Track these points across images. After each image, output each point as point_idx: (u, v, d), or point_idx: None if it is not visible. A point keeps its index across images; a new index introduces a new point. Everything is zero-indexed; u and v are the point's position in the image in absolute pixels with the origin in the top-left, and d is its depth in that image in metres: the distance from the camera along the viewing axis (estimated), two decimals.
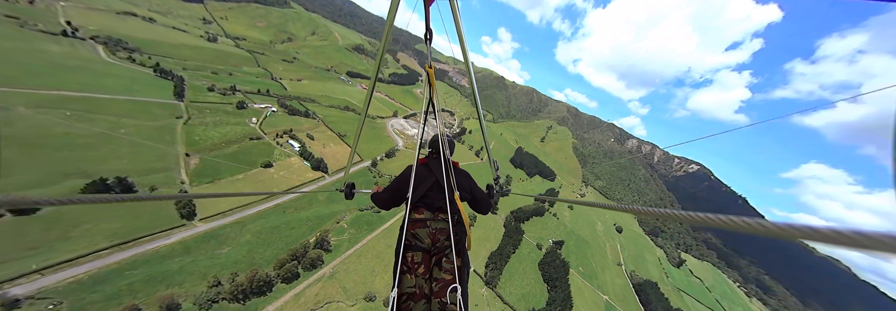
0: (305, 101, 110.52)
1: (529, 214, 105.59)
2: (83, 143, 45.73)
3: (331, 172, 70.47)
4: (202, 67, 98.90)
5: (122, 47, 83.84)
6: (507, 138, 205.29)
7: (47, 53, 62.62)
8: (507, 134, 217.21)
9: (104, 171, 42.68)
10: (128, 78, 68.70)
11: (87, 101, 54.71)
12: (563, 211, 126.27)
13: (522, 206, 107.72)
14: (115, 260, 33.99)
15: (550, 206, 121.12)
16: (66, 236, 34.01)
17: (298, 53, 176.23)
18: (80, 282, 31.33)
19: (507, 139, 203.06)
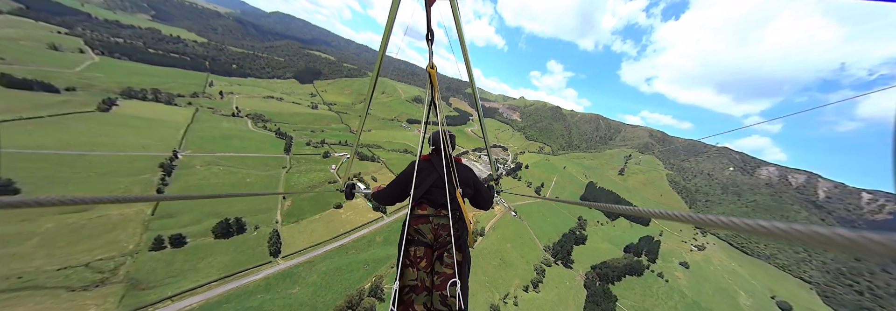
0: (373, 147, 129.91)
1: (620, 271, 79.59)
2: (224, 190, 62.48)
3: (389, 212, 75.75)
4: (305, 127, 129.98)
5: (261, 119, 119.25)
6: (573, 172, 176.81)
7: (221, 128, 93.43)
8: (572, 167, 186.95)
9: (231, 212, 56.25)
10: (259, 140, 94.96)
11: (235, 158, 76.74)
12: (673, 269, 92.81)
13: (607, 259, 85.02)
14: (218, 293, 41.14)
15: (650, 260, 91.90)
16: (195, 267, 43.96)
17: (370, 110, 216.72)
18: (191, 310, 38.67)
19: (573, 173, 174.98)
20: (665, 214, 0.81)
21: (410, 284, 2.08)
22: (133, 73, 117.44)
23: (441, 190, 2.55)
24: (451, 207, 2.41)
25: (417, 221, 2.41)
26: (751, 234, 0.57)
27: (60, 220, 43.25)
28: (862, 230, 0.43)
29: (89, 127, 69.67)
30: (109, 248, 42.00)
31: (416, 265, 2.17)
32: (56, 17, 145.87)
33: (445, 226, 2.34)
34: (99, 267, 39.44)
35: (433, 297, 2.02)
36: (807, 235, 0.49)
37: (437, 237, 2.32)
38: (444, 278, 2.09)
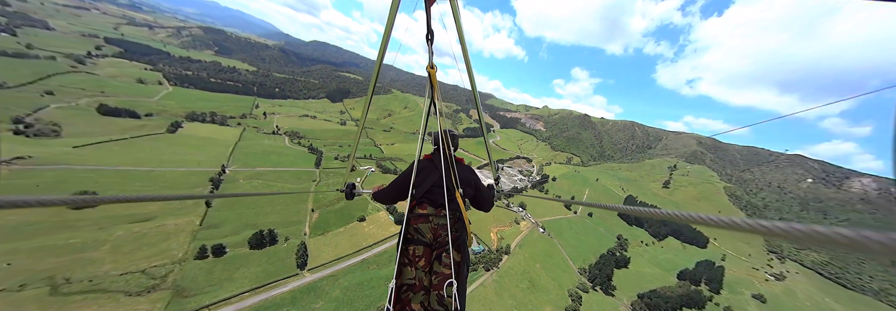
0: (395, 160, 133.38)
1: (675, 302, 68.45)
2: (261, 203, 66.89)
3: None
4: (334, 142, 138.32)
5: (296, 136, 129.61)
6: (607, 185, 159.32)
7: (262, 145, 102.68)
8: (606, 179, 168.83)
9: (265, 223, 59.59)
10: (294, 155, 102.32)
11: (272, 173, 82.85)
12: (745, 303, 78.78)
13: (657, 287, 73.87)
14: (248, 304, 42.50)
15: (712, 291, 78.78)
16: (231, 277, 46.30)
17: (394, 124, 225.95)
18: None
19: (608, 186, 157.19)
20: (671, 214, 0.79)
21: (408, 283, 2.06)
22: (197, 99, 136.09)
23: (442, 190, 2.50)
24: (449, 207, 2.37)
25: (417, 220, 2.38)
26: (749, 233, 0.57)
27: (128, 229, 48.75)
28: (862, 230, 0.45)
29: (159, 146, 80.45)
30: (163, 256, 46.00)
31: (415, 264, 2.15)
32: (144, 57, 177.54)
33: (445, 226, 2.31)
34: (153, 274, 43.07)
35: (430, 296, 2.02)
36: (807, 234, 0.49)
37: (437, 237, 2.30)
38: (441, 277, 2.08)
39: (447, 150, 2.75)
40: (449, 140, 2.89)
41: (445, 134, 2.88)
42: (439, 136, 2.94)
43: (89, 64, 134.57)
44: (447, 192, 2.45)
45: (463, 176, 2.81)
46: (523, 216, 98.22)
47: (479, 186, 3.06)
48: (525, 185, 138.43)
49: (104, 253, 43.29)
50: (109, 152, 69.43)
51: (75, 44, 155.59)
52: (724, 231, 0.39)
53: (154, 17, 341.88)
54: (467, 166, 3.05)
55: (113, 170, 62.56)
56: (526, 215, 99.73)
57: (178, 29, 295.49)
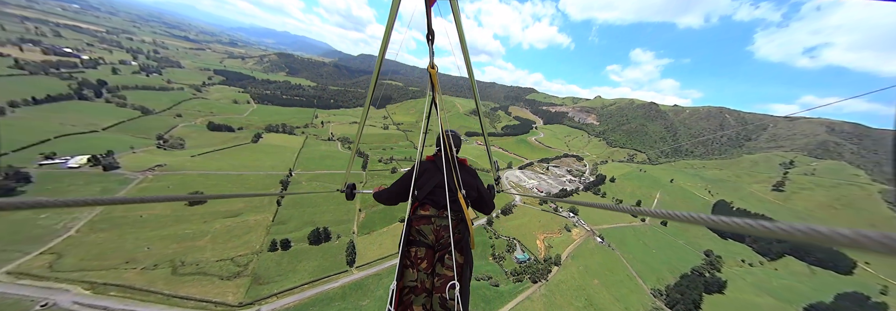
0: None
1: None
2: (319, 203, 73.91)
3: None
4: (378, 146, 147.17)
5: (347, 141, 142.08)
6: (686, 186, 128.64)
7: (319, 150, 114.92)
8: (684, 179, 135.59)
9: (322, 221, 65.35)
10: (345, 159, 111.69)
11: (327, 175, 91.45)
12: None
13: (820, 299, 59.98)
14: (307, 296, 46.54)
15: None
16: (294, 269, 51.62)
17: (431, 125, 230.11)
18: (287, 309, 44.51)
19: (688, 188, 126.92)
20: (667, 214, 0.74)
21: (410, 285, 2.02)
22: (273, 113, 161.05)
23: (444, 191, 2.48)
24: (451, 208, 2.35)
25: (420, 221, 2.37)
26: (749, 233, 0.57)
27: (223, 223, 58.79)
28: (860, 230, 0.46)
29: (245, 154, 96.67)
30: (245, 247, 53.91)
31: (417, 266, 2.12)
32: (238, 82, 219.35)
33: (447, 227, 2.29)
34: (239, 261, 50.68)
35: (433, 299, 1.98)
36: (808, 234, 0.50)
37: (439, 238, 2.28)
38: (444, 280, 2.05)
39: (450, 151, 2.67)
40: (451, 141, 2.80)
41: (447, 135, 2.78)
42: (440, 137, 2.86)
43: (204, 91, 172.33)
44: (449, 193, 2.39)
45: (465, 178, 2.72)
46: (575, 223, 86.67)
47: (481, 188, 2.99)
48: (576, 187, 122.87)
49: (206, 242, 52.77)
50: (213, 160, 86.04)
51: (196, 76, 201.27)
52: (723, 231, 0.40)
53: (245, 50, 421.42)
54: (470, 168, 2.97)
55: (215, 174, 77.09)
56: (578, 222, 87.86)
57: (260, 57, 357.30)
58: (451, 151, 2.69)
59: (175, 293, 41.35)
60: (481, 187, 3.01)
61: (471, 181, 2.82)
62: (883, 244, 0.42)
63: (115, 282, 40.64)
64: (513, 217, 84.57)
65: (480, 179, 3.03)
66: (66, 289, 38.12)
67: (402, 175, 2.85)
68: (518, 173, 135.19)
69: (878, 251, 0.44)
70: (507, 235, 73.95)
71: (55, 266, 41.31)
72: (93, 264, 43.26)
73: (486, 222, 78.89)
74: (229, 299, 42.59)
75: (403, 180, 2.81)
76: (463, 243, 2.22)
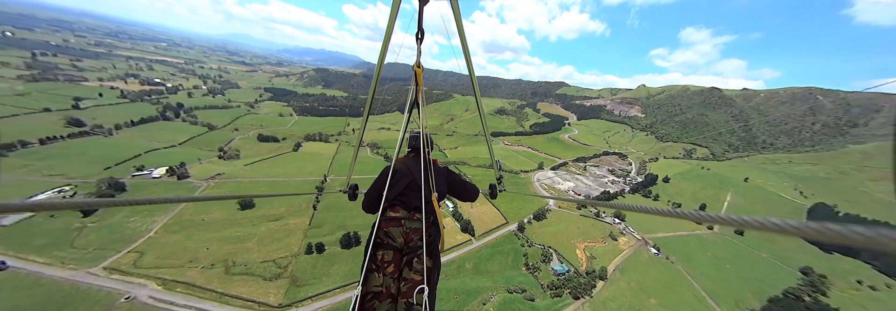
0: (459, 164, 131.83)
1: None
2: (350, 207, 76.05)
3: (477, 235, 70.00)
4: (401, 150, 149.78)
5: (375, 147, 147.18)
6: (770, 187, 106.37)
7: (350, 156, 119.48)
8: (765, 178, 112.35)
9: (352, 225, 66.74)
10: (373, 164, 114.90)
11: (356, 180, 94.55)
12: None
13: None
14: (338, 301, 46.95)
15: None
16: (327, 272, 52.87)
17: (456, 127, 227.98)
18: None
19: (770, 189, 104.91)
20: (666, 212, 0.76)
21: (374, 290, 1.91)
22: (311, 124, 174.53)
23: (416, 193, 2.47)
24: (425, 210, 2.30)
25: (388, 223, 2.28)
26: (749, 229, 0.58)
27: (267, 226, 63.29)
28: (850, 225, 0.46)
29: (287, 161, 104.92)
30: (285, 249, 56.96)
31: (383, 271, 2.01)
32: (283, 98, 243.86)
33: (417, 230, 2.25)
34: (280, 263, 53.56)
35: (397, 305, 1.89)
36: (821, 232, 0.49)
37: (408, 242, 2.21)
38: (411, 284, 1.95)
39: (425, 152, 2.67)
40: (429, 141, 2.84)
41: (416, 137, 2.83)
42: (418, 138, 2.89)
43: (256, 107, 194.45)
44: (424, 195, 2.35)
45: (436, 179, 2.68)
46: (623, 230, 75.69)
47: (453, 183, 2.94)
48: (620, 189, 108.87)
49: (253, 244, 56.96)
50: (262, 168, 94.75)
51: (250, 95, 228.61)
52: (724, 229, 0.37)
53: (289, 68, 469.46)
54: (441, 168, 2.93)
55: (263, 180, 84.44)
56: (626, 229, 76.61)
57: (301, 74, 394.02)
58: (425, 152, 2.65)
59: (226, 292, 44.68)
60: (453, 181, 2.93)
61: (441, 182, 2.75)
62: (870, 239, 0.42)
63: (180, 280, 45.40)
64: (547, 223, 77.22)
65: (454, 173, 2.98)
66: (144, 284, 43.54)
67: (375, 181, 2.75)
68: (550, 173, 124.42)
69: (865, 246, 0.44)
70: (541, 243, 67.38)
71: (138, 263, 47.73)
72: (166, 262, 49.16)
73: (516, 228, 72.89)
74: (271, 299, 44.68)
75: (376, 183, 2.73)
76: (433, 246, 2.14)
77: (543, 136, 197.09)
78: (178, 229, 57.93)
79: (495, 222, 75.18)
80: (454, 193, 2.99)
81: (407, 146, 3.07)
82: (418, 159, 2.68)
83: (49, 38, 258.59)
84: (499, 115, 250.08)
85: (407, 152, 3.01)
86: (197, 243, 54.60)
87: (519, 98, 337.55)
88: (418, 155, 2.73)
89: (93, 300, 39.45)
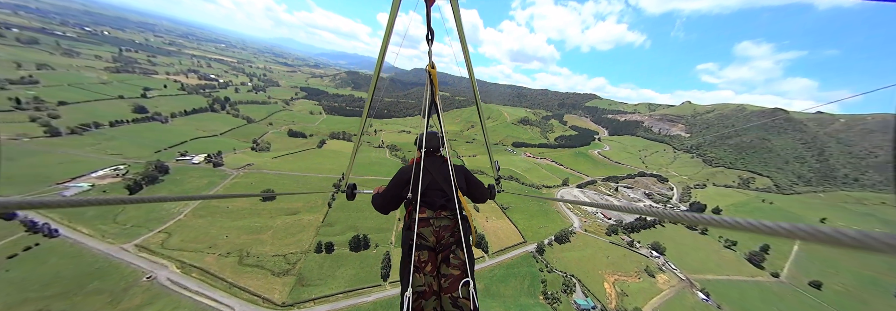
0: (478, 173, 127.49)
1: None
2: (363, 208, 75.94)
3: (491, 252, 65.76)
4: None
5: (394, 149, 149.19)
6: None
7: (370, 157, 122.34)
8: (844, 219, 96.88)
9: (364, 227, 66.20)
10: (391, 165, 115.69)
11: (375, 181, 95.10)
12: None
13: None
14: (342, 306, 45.64)
15: None
16: (333, 274, 52.06)
17: (476, 135, 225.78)
18: None
19: None
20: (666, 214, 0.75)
21: (418, 290, 2.04)
22: (337, 123, 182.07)
23: (436, 192, 2.55)
24: (449, 207, 2.43)
25: (419, 225, 2.35)
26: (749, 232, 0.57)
27: (283, 219, 64.67)
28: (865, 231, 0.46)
29: (310, 157, 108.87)
30: (297, 245, 57.37)
31: (422, 270, 2.13)
32: (316, 97, 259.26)
33: (447, 227, 2.35)
34: (289, 259, 53.83)
35: (443, 300, 2.00)
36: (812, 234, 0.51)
37: (440, 239, 2.30)
38: (452, 279, 2.07)
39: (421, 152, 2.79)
40: (443, 142, 2.95)
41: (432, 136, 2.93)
42: (434, 137, 3.00)
43: (291, 104, 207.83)
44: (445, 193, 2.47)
45: (448, 175, 2.74)
46: (662, 266, 66.07)
47: (470, 180, 3.02)
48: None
49: (268, 237, 58.13)
50: (287, 161, 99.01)
51: (287, 93, 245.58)
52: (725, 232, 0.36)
53: (324, 70, 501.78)
54: (458, 166, 3.03)
55: (287, 174, 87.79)
56: (666, 265, 66.77)
57: (334, 75, 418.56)
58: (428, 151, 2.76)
59: (236, 283, 45.27)
60: (470, 179, 3.02)
61: (460, 179, 2.84)
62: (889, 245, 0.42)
63: (197, 265, 46.95)
64: (571, 247, 70.67)
65: (468, 170, 3.07)
66: (165, 265, 45.53)
67: (392, 181, 2.77)
68: (576, 191, 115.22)
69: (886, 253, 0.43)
70: (563, 269, 61.36)
71: (165, 244, 50.39)
72: (188, 245, 51.44)
73: (535, 250, 67.37)
74: (275, 296, 44.44)
75: (394, 185, 2.75)
76: (466, 241, 2.24)
77: (570, 150, 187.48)
78: (204, 214, 60.97)
79: (511, 240, 70.49)
80: (468, 191, 2.96)
81: (417, 147, 3.03)
82: (433, 159, 2.76)
83: (134, 37, 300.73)
84: (522, 125, 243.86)
85: (423, 152, 2.94)
86: (218, 230, 56.84)
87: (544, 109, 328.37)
88: (432, 155, 2.81)
89: (120, 276, 41.75)
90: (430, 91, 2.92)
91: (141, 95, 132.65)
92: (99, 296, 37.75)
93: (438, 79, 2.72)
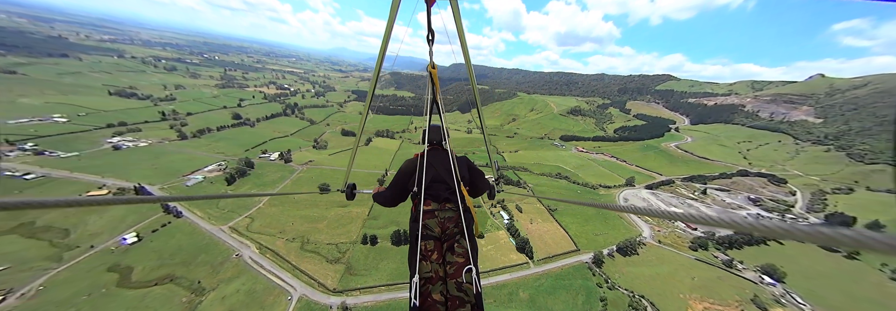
0: (518, 169, 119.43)
1: None
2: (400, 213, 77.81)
3: (536, 258, 59.29)
4: (460, 150, 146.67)
5: None
6: None
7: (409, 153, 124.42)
8: None
9: (403, 223, 67.56)
10: None
11: None
12: None
13: None
14: (382, 299, 46.91)
15: None
16: (376, 266, 54.23)
17: (518, 129, 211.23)
18: (364, 308, 45.88)
19: None
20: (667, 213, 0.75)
21: (426, 276, 2.19)
22: (382, 121, 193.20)
23: (440, 185, 2.67)
24: (453, 199, 2.57)
25: (425, 216, 2.50)
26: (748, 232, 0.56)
27: (336, 211, 70.64)
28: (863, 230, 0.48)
29: (360, 155, 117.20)
30: (346, 236, 61.83)
31: (429, 258, 2.28)
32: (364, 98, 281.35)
33: (451, 218, 2.49)
34: (340, 248, 58.34)
35: (448, 285, 2.15)
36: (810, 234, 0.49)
37: (445, 230, 2.44)
38: (457, 266, 2.22)
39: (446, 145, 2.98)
40: (447, 135, 3.11)
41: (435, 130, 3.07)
42: (436, 131, 3.12)
43: (344, 107, 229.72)
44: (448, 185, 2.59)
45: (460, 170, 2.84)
46: (779, 296, 48.74)
47: (473, 173, 3.09)
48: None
49: (324, 226, 64.17)
50: (340, 158, 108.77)
51: (341, 96, 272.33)
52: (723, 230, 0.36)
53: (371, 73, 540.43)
54: (462, 158, 3.15)
55: (339, 169, 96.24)
56: (786, 296, 49.18)
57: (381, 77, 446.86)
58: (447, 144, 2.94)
59: (298, 266, 50.93)
60: (473, 172, 3.08)
61: (464, 172, 2.91)
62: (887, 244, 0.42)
63: (270, 247, 54.55)
64: (640, 261, 58.58)
65: (472, 162, 3.15)
66: (248, 245, 54.16)
67: (396, 176, 2.95)
68: (645, 193, 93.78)
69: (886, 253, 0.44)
70: (628, 287, 51.10)
71: (249, 227, 60.16)
72: (265, 229, 60.41)
73: (591, 260, 58.02)
74: (328, 282, 48.38)
75: (400, 179, 2.93)
76: (469, 230, 2.37)
77: (635, 143, 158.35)
78: (277, 204, 70.91)
79: (561, 247, 62.39)
80: (471, 182, 2.99)
81: (427, 141, 3.19)
82: (436, 153, 2.92)
83: (234, 58, 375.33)
84: (572, 116, 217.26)
85: (426, 147, 3.09)
86: (287, 218, 65.30)
87: (600, 96, 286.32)
88: (435, 149, 2.97)
89: (218, 251, 51.34)
90: (432, 90, 3.00)
91: (237, 105, 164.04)
92: (204, 267, 47.00)
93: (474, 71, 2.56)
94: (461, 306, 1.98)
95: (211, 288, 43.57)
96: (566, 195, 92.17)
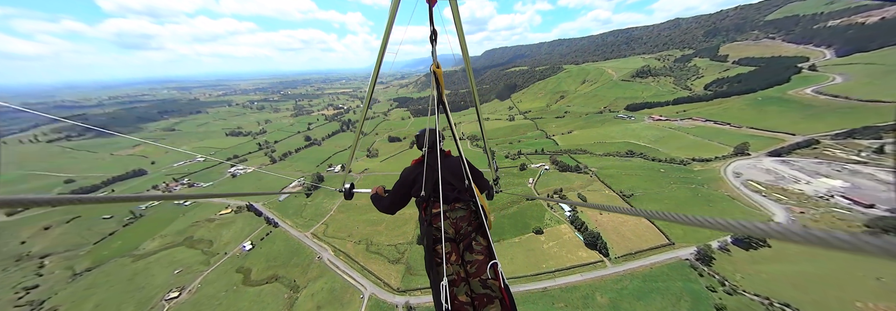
0: (576, 153, 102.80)
1: None
2: None
3: (613, 256, 48.81)
4: (504, 140, 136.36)
5: (474, 139, 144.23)
6: None
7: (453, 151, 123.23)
8: None
9: None
10: (472, 158, 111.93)
11: None
12: None
13: None
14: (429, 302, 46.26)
15: None
16: None
17: (569, 106, 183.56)
18: (426, 308, 46.06)
19: None
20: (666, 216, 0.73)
21: (449, 279, 2.13)
22: (422, 123, 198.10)
23: (445, 186, 2.61)
24: (462, 198, 2.60)
25: (435, 219, 2.45)
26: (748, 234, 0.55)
27: None
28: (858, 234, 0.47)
29: (406, 158, 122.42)
30: (403, 237, 64.32)
31: (449, 261, 2.24)
32: (405, 104, 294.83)
33: (463, 218, 2.49)
34: (399, 248, 61.02)
35: (472, 284, 2.11)
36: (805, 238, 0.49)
37: (458, 230, 2.43)
38: (478, 264, 2.19)
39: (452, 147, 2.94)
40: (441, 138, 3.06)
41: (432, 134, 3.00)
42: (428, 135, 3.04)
43: (388, 115, 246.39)
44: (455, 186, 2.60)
45: (455, 168, 2.85)
46: None
47: (473, 169, 3.05)
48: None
49: (383, 228, 68.52)
50: (390, 163, 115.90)
51: (385, 106, 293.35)
52: None
53: (408, 79, 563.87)
54: (456, 158, 3.14)
55: (390, 174, 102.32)
56: None
57: (415, 81, 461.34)
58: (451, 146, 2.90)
59: (366, 266, 55.42)
60: (474, 171, 3.05)
61: (459, 168, 2.91)
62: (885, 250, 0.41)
63: (342, 250, 61.27)
64: (775, 256, 41.36)
65: (469, 162, 3.11)
66: (326, 249, 62.20)
67: (397, 182, 2.95)
68: (769, 163, 67.64)
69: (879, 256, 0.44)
70: (759, 293, 36.28)
71: (326, 233, 69.36)
72: (338, 233, 68.55)
73: (693, 256, 44.04)
74: (392, 282, 50.84)
75: (401, 186, 2.91)
76: (481, 227, 2.38)
77: (743, 98, 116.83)
78: (344, 210, 79.84)
79: (647, 241, 49.38)
80: (474, 180, 2.94)
81: (420, 145, 3.15)
82: (434, 155, 2.83)
83: (300, 90, 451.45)
84: (639, 79, 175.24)
85: (423, 152, 3.02)
86: (353, 223, 72.61)
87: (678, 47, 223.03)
88: (433, 151, 2.89)
89: (305, 255, 60.71)
90: (437, 90, 2.86)
91: (307, 128, 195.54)
92: (297, 268, 56.16)
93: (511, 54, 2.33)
94: (489, 302, 1.92)
95: (303, 286, 51.63)
96: (644, 176, 73.23)
